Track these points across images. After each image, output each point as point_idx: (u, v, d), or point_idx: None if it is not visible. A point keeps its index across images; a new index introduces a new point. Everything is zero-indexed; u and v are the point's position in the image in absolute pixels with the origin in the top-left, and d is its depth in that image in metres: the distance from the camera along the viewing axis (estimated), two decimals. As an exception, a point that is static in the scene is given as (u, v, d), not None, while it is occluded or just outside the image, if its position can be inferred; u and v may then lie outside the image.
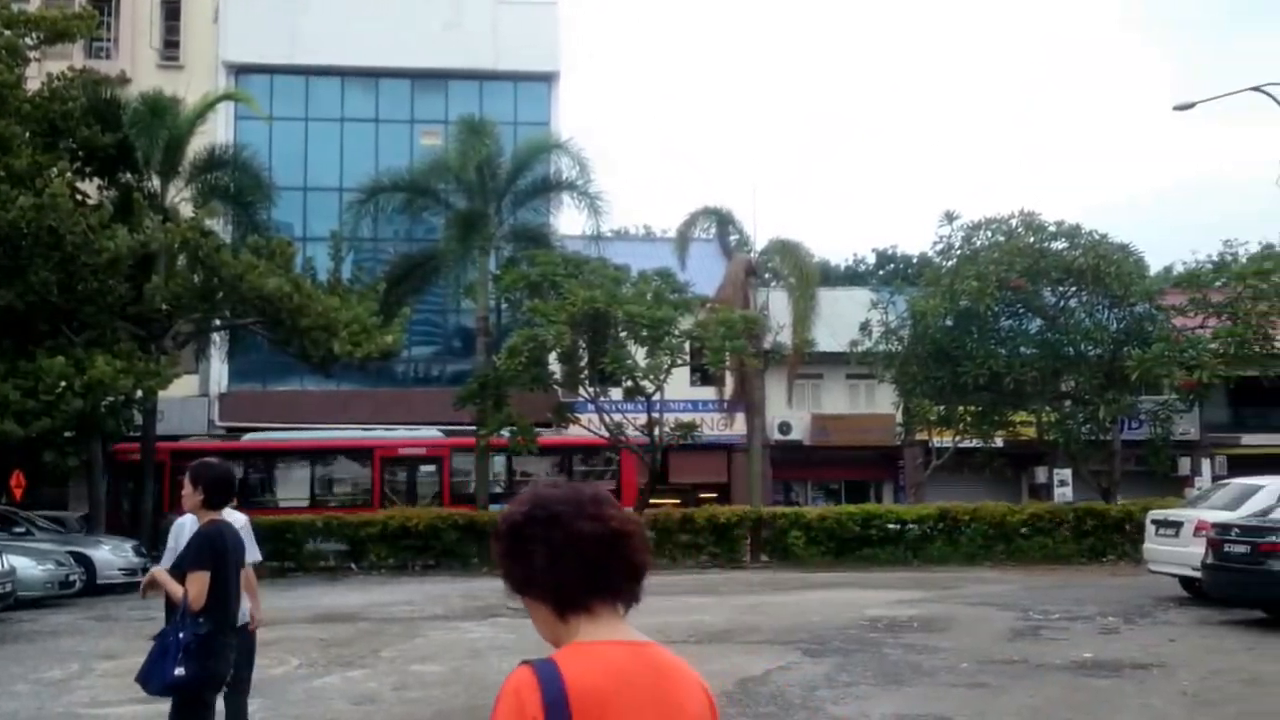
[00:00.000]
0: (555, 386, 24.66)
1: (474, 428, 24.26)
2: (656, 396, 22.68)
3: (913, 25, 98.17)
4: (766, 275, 28.70)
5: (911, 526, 22.14)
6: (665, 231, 43.74)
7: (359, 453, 27.77)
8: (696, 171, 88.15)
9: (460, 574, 21.20)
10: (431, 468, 27.39)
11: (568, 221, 29.64)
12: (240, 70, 34.76)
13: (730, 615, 14.95)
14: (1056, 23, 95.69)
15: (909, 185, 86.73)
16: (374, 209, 26.25)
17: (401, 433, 28.40)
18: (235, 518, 6.60)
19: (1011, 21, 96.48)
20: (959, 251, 27.27)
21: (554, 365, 24.20)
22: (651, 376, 22.32)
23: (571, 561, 2.09)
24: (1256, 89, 26.95)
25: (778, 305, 27.78)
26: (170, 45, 35.58)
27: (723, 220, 28.69)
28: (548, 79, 36.67)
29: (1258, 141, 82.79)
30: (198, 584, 5.63)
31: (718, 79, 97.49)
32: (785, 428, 36.06)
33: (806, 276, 26.50)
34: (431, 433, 27.83)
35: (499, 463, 26.96)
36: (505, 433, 23.81)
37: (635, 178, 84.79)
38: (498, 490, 25.82)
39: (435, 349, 37.11)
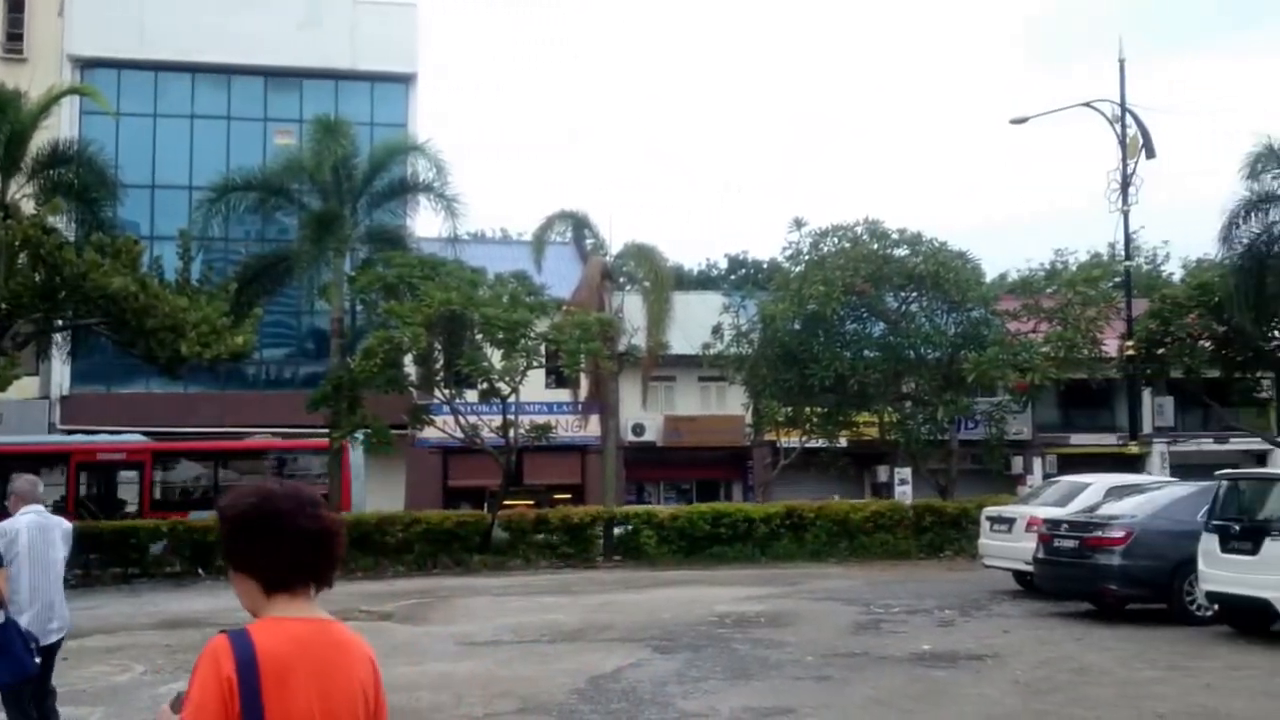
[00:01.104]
0: (411, 389, 24.18)
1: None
2: (512, 398, 22.43)
3: (772, 36, 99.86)
4: (622, 279, 28.68)
5: (760, 524, 22.34)
6: (522, 234, 43.43)
7: (53, 458, 25.36)
8: (554, 175, 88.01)
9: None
10: (133, 474, 25.79)
11: (425, 223, 29.13)
12: (87, 64, 33.36)
13: (583, 614, 14.83)
14: (905, 32, 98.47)
15: (761, 192, 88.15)
16: (225, 208, 25.31)
17: (104, 437, 27.24)
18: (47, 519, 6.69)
19: (866, 30, 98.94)
20: (807, 257, 27.72)
21: (409, 367, 23.74)
22: (507, 378, 22.07)
23: (288, 551, 2.50)
24: (1087, 104, 28.18)
25: (633, 308, 27.79)
26: (13, 38, 33.89)
27: (579, 224, 28.58)
28: (405, 80, 36.08)
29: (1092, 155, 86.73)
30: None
31: (575, 84, 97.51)
32: (639, 429, 36.17)
33: (661, 280, 26.56)
34: (134, 437, 26.72)
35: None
36: (359, 435, 23.29)
37: (493, 181, 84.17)
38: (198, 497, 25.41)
39: (288, 351, 36.14)
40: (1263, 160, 23.82)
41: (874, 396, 26.81)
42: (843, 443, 29.29)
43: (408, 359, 23.01)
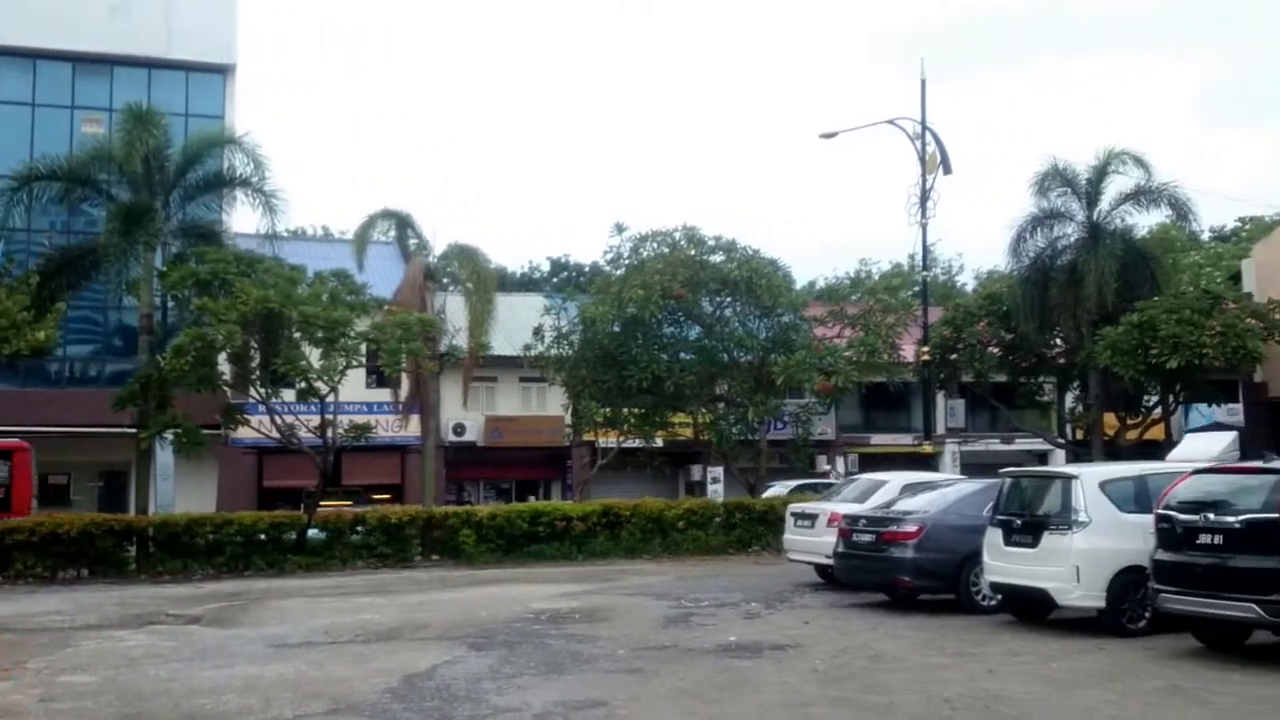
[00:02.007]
0: (225, 387, 23.28)
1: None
2: (330, 398, 21.86)
3: (600, 42, 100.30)
4: (445, 279, 28.36)
5: (577, 523, 22.41)
6: (344, 233, 42.50)
7: None
8: (378, 174, 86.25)
9: (116, 581, 19.62)
10: None
11: (242, 219, 28.19)
12: (-120, 45, 31.02)
13: (399, 614, 14.59)
14: (734, 42, 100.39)
15: (584, 196, 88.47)
16: (28, 198, 23.86)
17: None
18: None
19: (696, 38, 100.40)
20: (627, 261, 28.00)
21: (224, 366, 22.87)
22: (326, 378, 21.48)
23: None
24: (890, 122, 29.28)
25: (455, 309, 27.52)
26: None
27: (402, 223, 28.11)
28: (223, 71, 34.77)
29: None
30: None
31: (401, 82, 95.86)
32: (460, 429, 35.85)
33: (483, 281, 26.38)
34: None
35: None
36: (169, 435, 22.34)
37: (316, 178, 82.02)
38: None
39: (94, 347, 34.36)
40: (1049, 180, 25.25)
41: (689, 398, 27.27)
42: (659, 443, 29.68)
43: (222, 357, 22.17)
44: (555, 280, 56.84)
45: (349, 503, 26.78)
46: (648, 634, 12.73)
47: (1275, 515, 10.11)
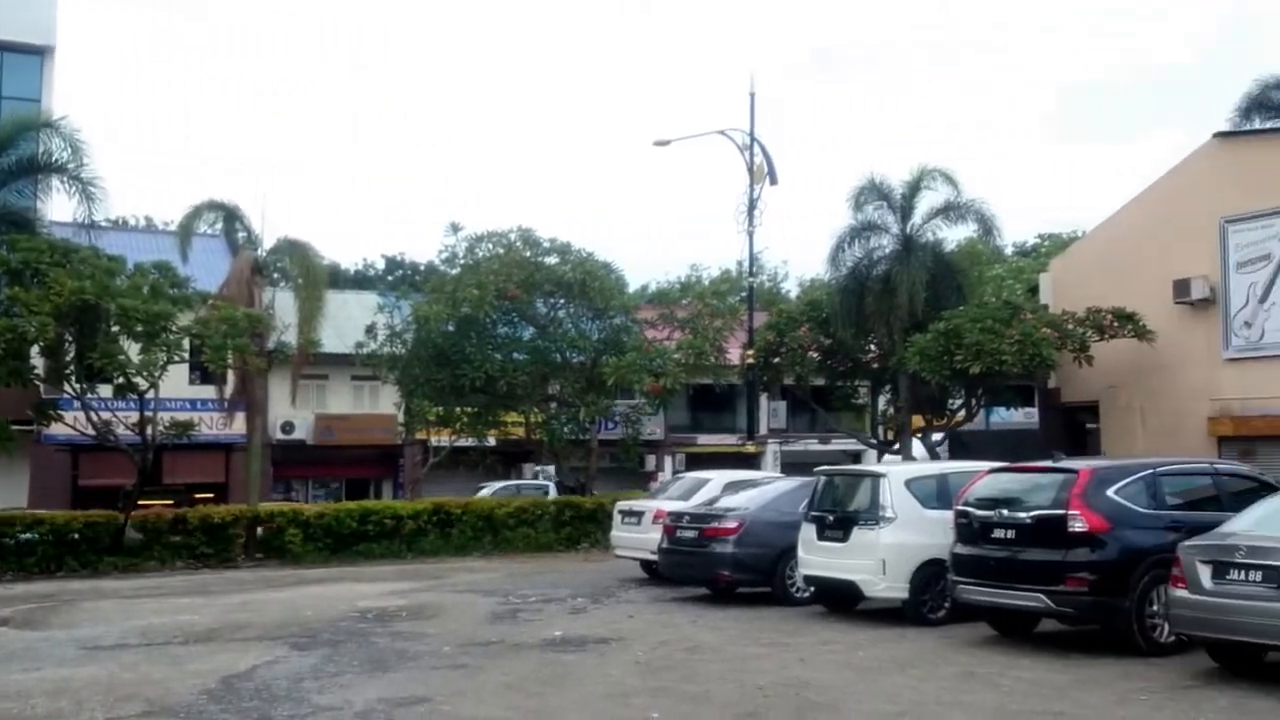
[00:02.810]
0: (37, 382, 22.04)
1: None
2: (150, 394, 20.95)
3: (436, 39, 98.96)
4: (275, 274, 27.52)
5: (408, 521, 22.12)
6: (169, 224, 40.83)
7: None
8: (207, 166, 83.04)
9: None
10: None
11: (58, 207, 26.66)
12: None
13: (219, 614, 14.14)
14: (577, 45, 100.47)
15: (421, 195, 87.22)
16: None
17: None
18: None
19: (537, 42, 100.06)
20: (463, 261, 27.78)
21: (37, 359, 21.66)
22: (145, 373, 20.57)
23: None
24: (721, 133, 29.81)
25: (285, 305, 26.72)
26: None
27: (230, 215, 27.09)
28: (41, 53, 32.88)
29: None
30: None
31: (238, 74, 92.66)
32: (288, 427, 34.91)
33: (314, 277, 25.67)
34: None
35: None
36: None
37: (141, 168, 78.42)
38: None
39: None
40: (865, 193, 26.13)
41: (522, 397, 27.24)
42: (491, 441, 29.55)
43: (34, 350, 21.00)
44: (390, 278, 55.88)
45: (170, 502, 25.76)
46: (474, 630, 12.70)
47: (1062, 511, 10.77)
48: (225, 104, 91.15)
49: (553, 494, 27.66)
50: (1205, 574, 9.34)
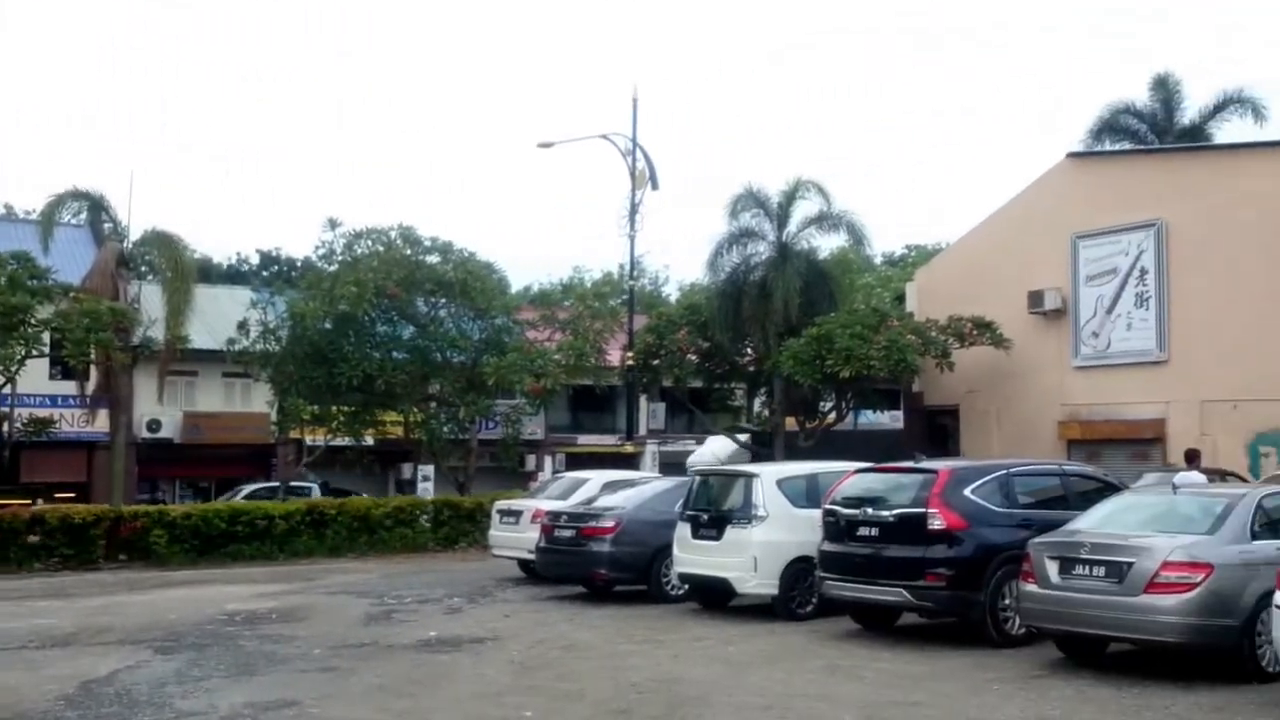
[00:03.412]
0: (-118, 376, 20.93)
1: None
2: (7, 389, 20.10)
3: (317, 31, 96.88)
4: (142, 267, 26.63)
5: (279, 522, 21.60)
6: (30, 213, 39.11)
7: None
8: (73, 155, 79.71)
9: None
10: None
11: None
12: None
13: (79, 618, 13.61)
14: (466, 44, 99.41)
15: (298, 190, 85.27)
16: None
17: None
18: None
19: (423, 37, 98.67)
20: (341, 258, 27.29)
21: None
22: (2, 367, 19.74)
23: None
24: (604, 137, 29.89)
25: (152, 299, 25.85)
26: None
27: (95, 206, 26.11)
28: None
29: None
30: None
31: (109, 60, 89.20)
32: (155, 425, 33.75)
33: (183, 270, 24.88)
34: None
35: None
36: None
37: (3, 155, 74.82)
38: None
39: None
40: (743, 201, 26.55)
41: (401, 396, 26.90)
42: (369, 441, 29.07)
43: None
44: (265, 274, 54.49)
45: (28, 502, 24.66)
46: (347, 632, 12.51)
47: (922, 510, 11.14)
48: (94, 90, 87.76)
49: (316, 496, 26.42)
50: (1053, 569, 9.76)
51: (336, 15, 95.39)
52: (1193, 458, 16.16)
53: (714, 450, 28.11)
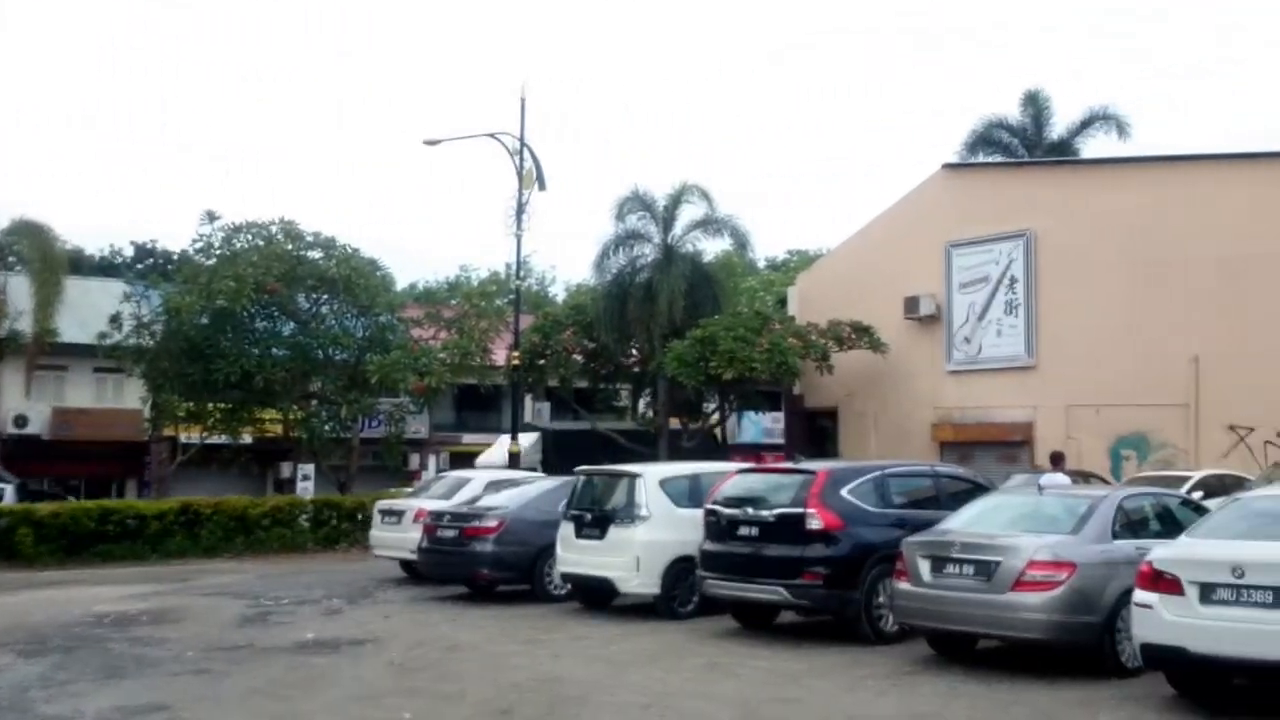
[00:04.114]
0: None
1: None
2: None
3: (201, 17, 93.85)
4: (9, 258, 25.48)
5: (152, 521, 20.86)
6: (-111, 201, 37.12)
7: None
8: (-65, 140, 75.69)
9: None
10: None
11: None
12: None
13: (-65, 622, 12.94)
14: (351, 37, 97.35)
15: (176, 182, 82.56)
16: None
17: None
18: None
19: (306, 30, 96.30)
20: (219, 252, 26.50)
21: None
22: None
23: None
24: (491, 135, 29.58)
25: (19, 291, 24.75)
26: None
27: (-41, 195, 24.94)
28: None
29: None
30: None
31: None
32: (21, 421, 32.32)
33: (52, 261, 23.95)
34: None
35: None
36: None
37: None
38: None
39: None
40: (629, 203, 26.69)
41: (280, 394, 26.25)
42: (246, 439, 28.30)
43: None
44: (140, 266, 52.61)
45: (-119, 501, 23.34)
46: (221, 634, 12.14)
47: (801, 510, 11.28)
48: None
49: (9, 499, 24.19)
50: (925, 568, 9.98)
51: (226, 4, 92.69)
52: (1058, 460, 16.68)
53: (498, 455, 27.97)
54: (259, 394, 25.89)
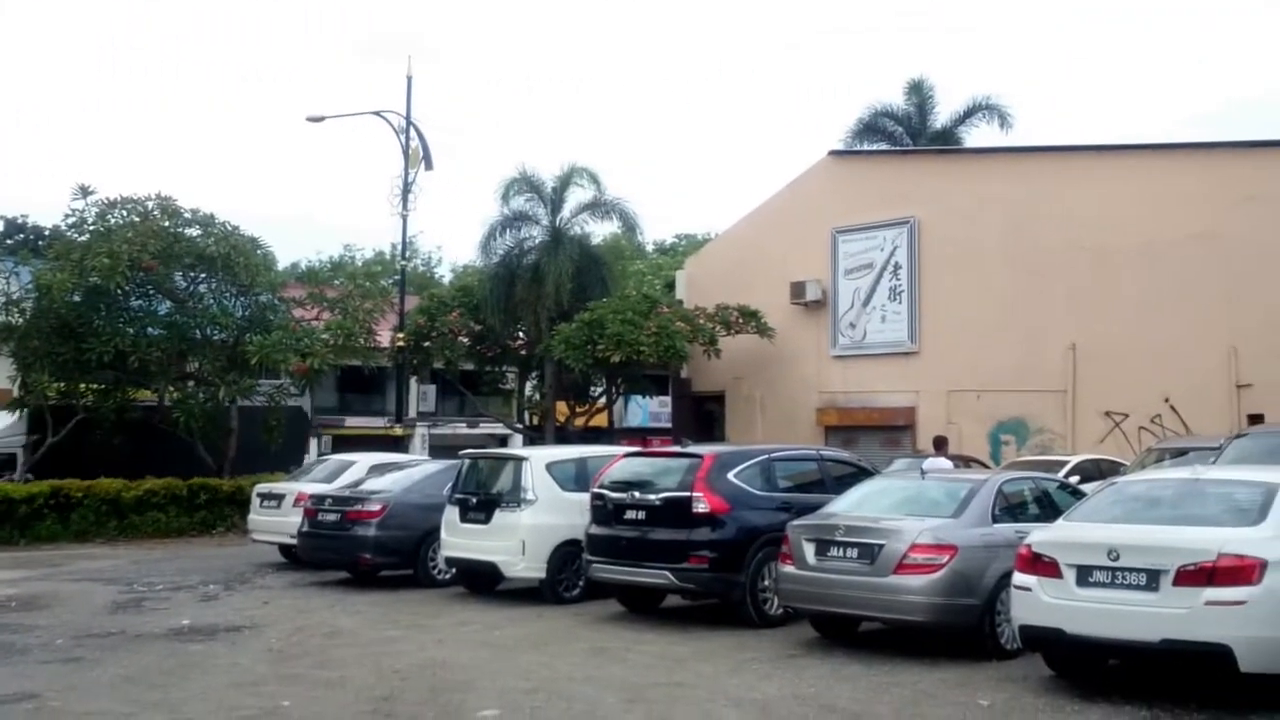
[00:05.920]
0: None
1: None
2: None
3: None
4: None
5: (20, 505, 19.98)
6: None
7: None
8: None
9: None
10: None
11: None
12: None
13: None
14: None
15: (48, 154, 79.00)
16: None
17: None
18: None
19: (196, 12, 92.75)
20: (92, 227, 25.35)
21: None
22: None
23: None
24: (377, 113, 28.97)
25: (-125, 264, 23.38)
26: None
27: None
28: None
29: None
30: None
31: None
32: (-124, 400, 30.57)
33: (-88, 235, 22.67)
34: None
35: None
36: None
37: None
38: None
39: None
40: (516, 185, 26.42)
41: (156, 374, 25.30)
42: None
43: None
44: (9, 242, 50.19)
45: None
46: (92, 621, 11.70)
47: (687, 493, 11.31)
48: None
49: None
50: (809, 551, 10.08)
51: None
52: (940, 444, 17.04)
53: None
54: (134, 374, 24.93)
